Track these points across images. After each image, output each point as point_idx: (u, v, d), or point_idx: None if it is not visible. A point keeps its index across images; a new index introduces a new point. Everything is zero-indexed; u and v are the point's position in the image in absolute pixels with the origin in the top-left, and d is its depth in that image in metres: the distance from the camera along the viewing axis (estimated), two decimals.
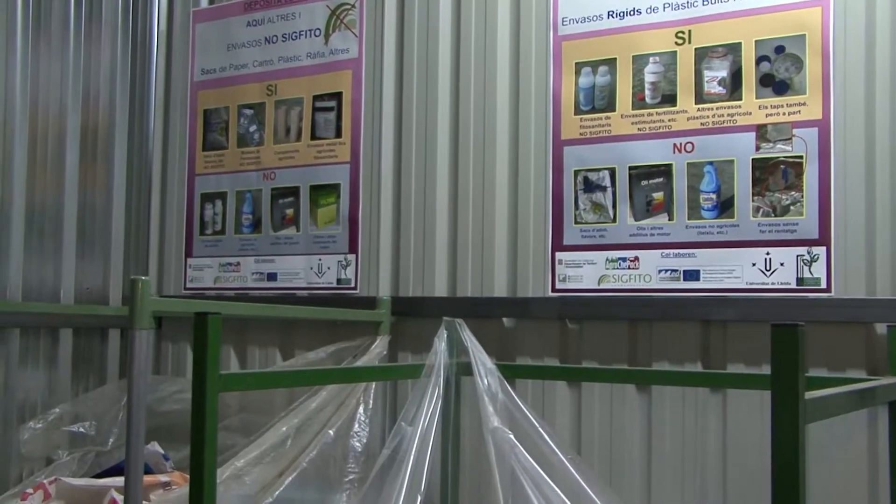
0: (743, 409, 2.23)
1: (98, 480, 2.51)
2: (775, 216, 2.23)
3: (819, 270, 2.17)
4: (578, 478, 1.98)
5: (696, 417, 2.30)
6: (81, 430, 2.82)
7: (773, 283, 2.23)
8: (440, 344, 2.30)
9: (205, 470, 1.61)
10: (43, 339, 3.01)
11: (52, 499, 2.44)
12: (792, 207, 2.21)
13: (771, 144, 2.25)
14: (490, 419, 2.09)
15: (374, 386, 2.50)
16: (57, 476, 2.54)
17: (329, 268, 2.91)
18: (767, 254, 2.24)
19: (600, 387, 2.42)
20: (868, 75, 2.16)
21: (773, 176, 2.24)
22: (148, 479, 2.34)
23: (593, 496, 1.96)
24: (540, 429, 2.07)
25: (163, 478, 2.49)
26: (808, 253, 2.18)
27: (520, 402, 2.13)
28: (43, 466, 2.84)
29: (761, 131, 2.26)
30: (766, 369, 2.20)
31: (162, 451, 2.69)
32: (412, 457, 2.09)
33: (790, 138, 2.22)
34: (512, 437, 2.03)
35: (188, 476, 1.64)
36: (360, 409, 2.44)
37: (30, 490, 2.46)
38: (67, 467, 2.74)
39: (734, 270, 2.28)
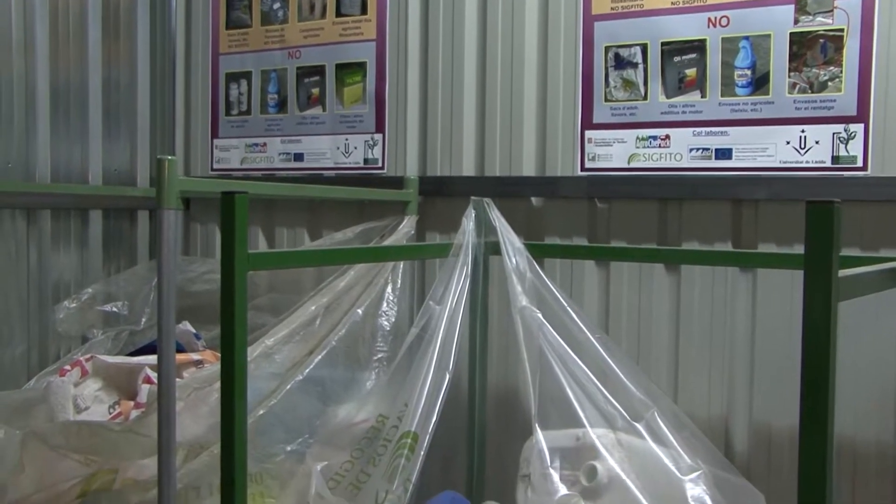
0: (773, 289, 2.22)
1: (132, 358, 2.56)
2: (812, 92, 2.17)
3: (855, 148, 2.12)
4: (606, 356, 1.99)
5: (726, 297, 2.29)
6: (114, 309, 2.87)
7: (807, 162, 2.18)
8: (468, 223, 2.29)
9: (235, 348, 1.63)
10: (73, 221, 3.03)
11: (88, 375, 2.50)
12: (830, 83, 2.15)
13: (810, 17, 2.17)
14: (518, 298, 2.08)
15: (402, 265, 2.50)
16: (93, 354, 2.59)
17: (356, 147, 2.89)
18: (802, 131, 2.19)
19: (629, 266, 2.41)
20: None
21: (812, 50, 2.17)
22: (180, 357, 2.38)
23: (620, 374, 1.96)
24: (568, 308, 2.07)
25: (195, 356, 2.53)
26: (845, 130, 2.13)
27: (548, 282, 2.12)
28: (79, 344, 2.90)
29: (800, 3, 2.18)
30: (797, 249, 2.18)
31: (193, 331, 2.73)
32: (440, 335, 2.10)
33: (831, 10, 2.14)
34: (540, 315, 2.04)
35: (219, 354, 1.66)
36: (389, 289, 2.45)
37: (67, 367, 2.51)
38: (102, 345, 2.80)
39: (767, 149, 2.23)
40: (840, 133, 2.13)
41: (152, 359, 2.44)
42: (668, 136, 2.36)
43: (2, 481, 2.13)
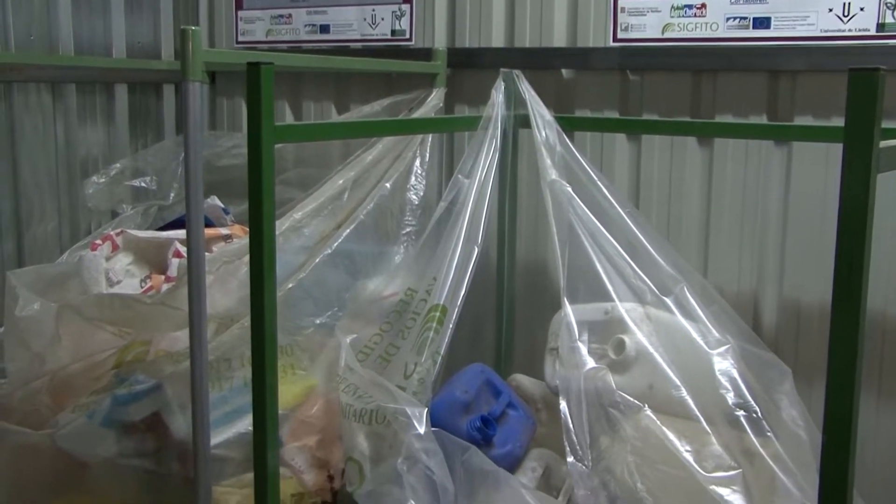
0: (808, 163, 2.18)
1: (162, 233, 2.57)
2: None
3: None
4: (636, 230, 1.97)
5: (759, 172, 2.25)
6: (143, 184, 2.87)
7: (849, 30, 2.11)
8: (497, 96, 2.25)
9: (264, 222, 1.62)
10: (99, 96, 3.02)
11: (119, 250, 2.52)
12: None
13: None
14: (548, 171, 2.06)
15: (430, 139, 2.47)
16: (123, 228, 2.61)
17: (383, 18, 2.82)
18: None
19: (660, 139, 2.37)
20: None
21: None
22: (209, 231, 2.39)
23: (650, 249, 1.95)
24: (598, 181, 2.04)
25: (223, 231, 2.54)
26: None
27: (578, 155, 2.09)
28: (109, 219, 2.91)
29: None
30: (835, 122, 2.12)
31: (222, 205, 2.73)
32: (469, 209, 2.09)
33: None
34: (569, 189, 2.02)
35: (248, 228, 1.66)
36: (417, 162, 2.42)
37: (98, 241, 2.54)
38: (132, 220, 2.81)
39: (808, 17, 2.15)
40: None
41: (181, 233, 2.45)
42: (703, 5, 2.28)
43: (39, 351, 2.18)
